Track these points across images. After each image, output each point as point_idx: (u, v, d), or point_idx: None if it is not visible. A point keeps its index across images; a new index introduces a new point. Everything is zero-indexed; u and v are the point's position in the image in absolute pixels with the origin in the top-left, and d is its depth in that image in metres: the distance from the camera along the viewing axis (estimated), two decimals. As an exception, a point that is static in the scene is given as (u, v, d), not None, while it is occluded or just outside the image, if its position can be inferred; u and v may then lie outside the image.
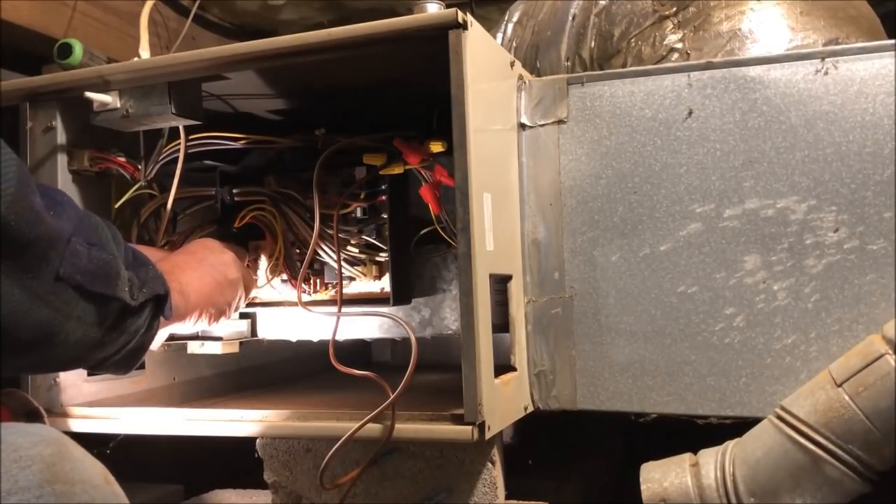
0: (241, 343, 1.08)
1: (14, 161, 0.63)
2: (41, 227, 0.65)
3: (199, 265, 0.91)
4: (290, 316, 1.09)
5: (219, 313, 0.93)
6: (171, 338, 1.02)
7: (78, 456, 0.59)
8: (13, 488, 0.54)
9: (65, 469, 0.57)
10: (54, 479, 0.56)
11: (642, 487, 0.87)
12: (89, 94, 0.93)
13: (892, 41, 0.88)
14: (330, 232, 1.01)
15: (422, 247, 1.06)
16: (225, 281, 0.93)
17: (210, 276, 0.91)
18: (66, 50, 0.95)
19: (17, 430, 0.58)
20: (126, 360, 0.80)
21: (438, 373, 1.19)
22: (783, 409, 0.84)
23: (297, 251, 1.07)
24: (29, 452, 0.56)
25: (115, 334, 0.75)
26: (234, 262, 0.96)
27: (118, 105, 0.94)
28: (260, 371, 1.27)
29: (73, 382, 1.00)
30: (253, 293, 1.05)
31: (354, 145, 1.00)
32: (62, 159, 0.98)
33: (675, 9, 1.11)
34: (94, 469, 0.60)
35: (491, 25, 1.26)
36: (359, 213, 1.04)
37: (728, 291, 0.91)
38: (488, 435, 0.80)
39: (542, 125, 0.99)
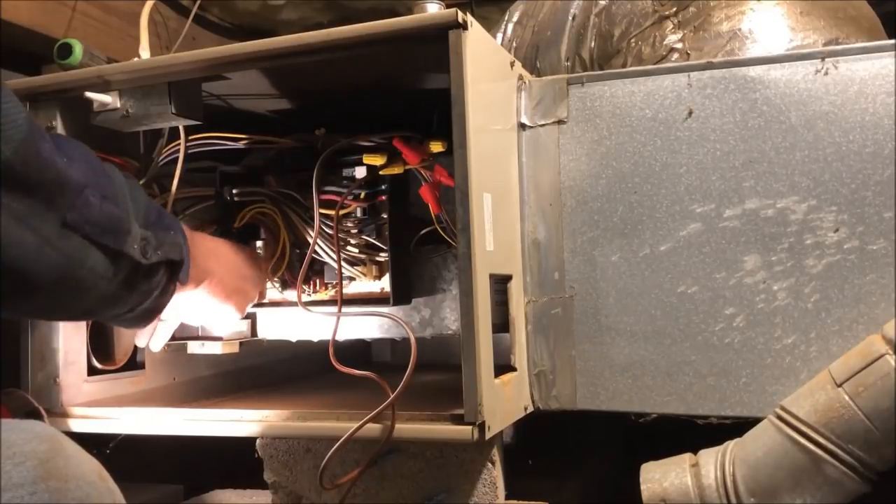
0: (241, 343, 1.08)
1: (23, 110, 0.64)
2: (49, 173, 0.65)
3: (223, 244, 0.97)
4: (290, 316, 1.09)
5: (235, 292, 0.95)
6: (172, 337, 1.02)
7: (72, 452, 0.59)
8: (7, 485, 0.54)
9: (59, 465, 0.57)
10: (48, 475, 0.56)
11: (642, 487, 0.87)
12: (89, 94, 0.93)
13: (892, 41, 0.88)
14: (330, 232, 1.01)
15: (422, 247, 1.06)
16: (249, 268, 0.98)
17: (236, 255, 0.97)
18: (66, 50, 0.95)
19: (12, 427, 0.58)
20: (139, 318, 0.81)
21: (438, 373, 1.19)
22: (783, 409, 0.84)
23: (297, 251, 1.07)
24: (23, 449, 0.56)
25: (127, 291, 0.76)
26: (255, 263, 1.02)
27: (118, 105, 0.94)
28: (260, 371, 1.27)
29: (74, 382, 1.00)
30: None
31: (354, 145, 1.00)
32: (62, 159, 0.98)
33: (675, 9, 1.11)
34: (88, 465, 0.60)
35: (491, 25, 1.26)
36: (359, 213, 1.04)
37: (728, 291, 0.91)
38: (488, 435, 0.80)
39: (542, 125, 0.99)
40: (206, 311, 0.95)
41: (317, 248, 1.02)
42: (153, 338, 0.96)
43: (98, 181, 0.71)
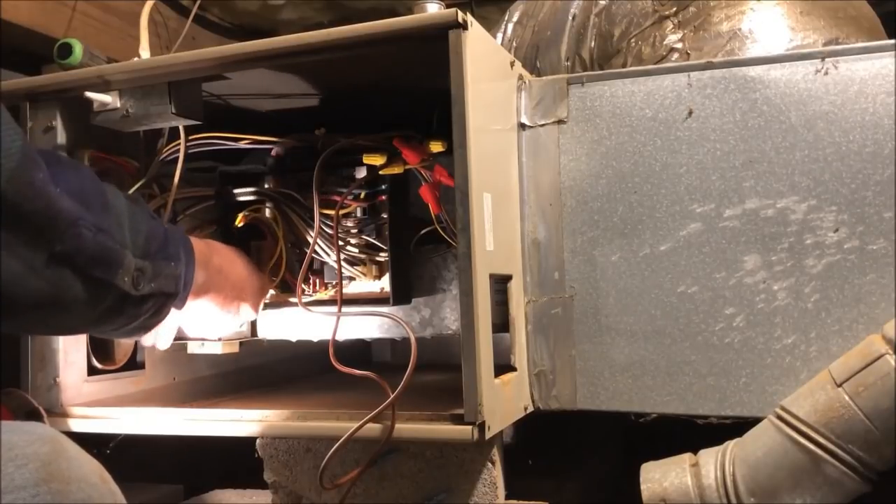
0: (241, 343, 1.08)
1: (18, 136, 0.63)
2: (40, 203, 0.65)
3: (233, 255, 0.97)
4: (290, 316, 1.09)
5: (237, 305, 0.96)
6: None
7: (73, 454, 0.59)
8: (9, 487, 0.54)
9: (61, 467, 0.57)
10: (50, 477, 0.56)
11: (642, 487, 0.87)
12: (89, 94, 0.93)
13: (892, 41, 0.88)
14: (330, 232, 1.01)
15: (422, 247, 1.06)
16: (252, 279, 0.99)
17: (244, 268, 0.97)
18: (66, 50, 0.95)
19: (13, 429, 0.58)
20: (130, 334, 0.82)
21: (438, 373, 1.19)
22: (783, 409, 0.84)
23: (298, 251, 1.07)
24: (25, 451, 0.56)
25: (114, 315, 0.76)
26: (260, 273, 1.02)
27: (118, 105, 0.94)
28: (260, 371, 1.27)
29: (73, 382, 1.00)
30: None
31: (354, 145, 1.00)
32: (62, 159, 0.98)
33: (675, 9, 1.11)
34: (89, 467, 0.60)
35: (491, 25, 1.26)
36: (359, 213, 1.04)
37: (728, 291, 0.91)
38: (488, 435, 0.80)
39: (542, 125, 0.99)
40: (208, 321, 0.95)
41: (317, 247, 1.02)
42: (159, 337, 0.96)
43: (93, 213, 0.71)
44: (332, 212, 1.00)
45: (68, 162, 0.84)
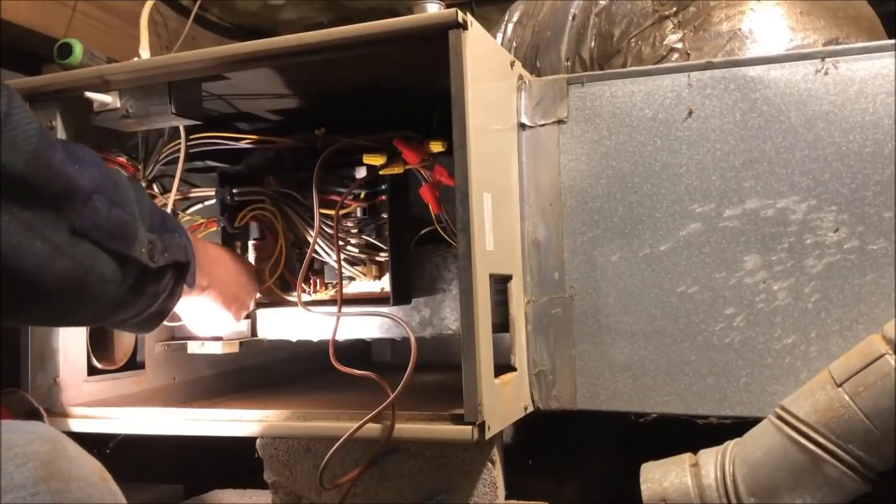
0: (241, 343, 1.08)
1: (33, 119, 0.64)
2: (59, 182, 0.66)
3: (224, 251, 0.98)
4: (290, 316, 1.09)
5: (235, 299, 0.97)
6: (172, 337, 1.02)
7: (74, 453, 0.59)
8: (9, 486, 0.54)
9: (61, 466, 0.57)
10: (50, 476, 0.56)
11: (642, 487, 0.87)
12: (89, 94, 0.93)
13: (892, 41, 0.88)
14: (330, 232, 1.01)
15: (422, 247, 1.06)
16: (247, 276, 1.00)
17: (235, 263, 0.98)
18: (66, 50, 0.95)
19: (13, 428, 0.58)
20: (146, 322, 0.82)
21: (438, 373, 1.19)
22: (783, 409, 0.84)
23: (298, 251, 1.07)
24: (25, 450, 0.56)
25: (135, 295, 0.76)
26: (251, 271, 1.03)
27: (118, 105, 0.94)
28: (260, 371, 1.27)
29: (74, 382, 1.00)
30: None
31: (354, 145, 1.00)
32: (62, 159, 0.98)
33: (675, 9, 1.11)
34: (89, 466, 0.60)
35: (491, 25, 1.26)
36: (359, 213, 1.04)
37: (728, 291, 0.91)
38: (488, 435, 0.80)
39: (542, 125, 0.99)
40: (207, 317, 0.95)
41: (317, 247, 1.02)
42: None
43: (106, 187, 0.72)
44: (332, 212, 1.00)
45: (75, 144, 0.85)
